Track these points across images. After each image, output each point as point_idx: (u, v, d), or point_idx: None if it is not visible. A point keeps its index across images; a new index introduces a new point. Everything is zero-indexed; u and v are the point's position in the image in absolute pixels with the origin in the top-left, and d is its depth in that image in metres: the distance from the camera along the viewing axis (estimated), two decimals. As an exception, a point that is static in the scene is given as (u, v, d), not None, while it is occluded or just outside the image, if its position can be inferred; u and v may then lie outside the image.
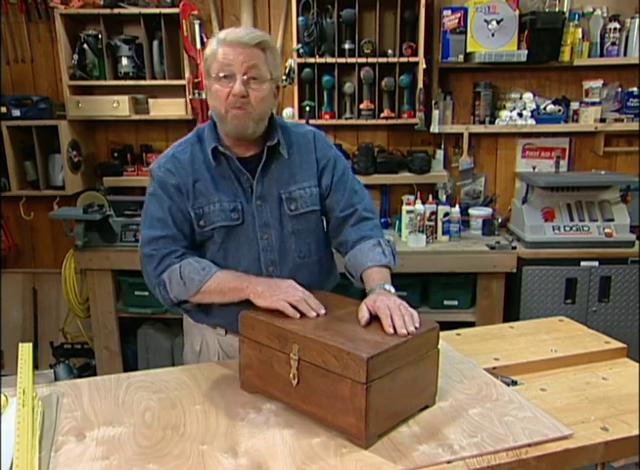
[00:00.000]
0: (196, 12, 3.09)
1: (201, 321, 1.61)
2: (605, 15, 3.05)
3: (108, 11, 3.00)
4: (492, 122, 3.16)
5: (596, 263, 2.86)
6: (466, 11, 2.99)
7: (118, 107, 3.10)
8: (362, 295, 1.40)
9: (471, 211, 3.25)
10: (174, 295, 1.46)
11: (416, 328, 1.22)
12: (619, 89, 3.17)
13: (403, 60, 3.00)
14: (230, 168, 1.49)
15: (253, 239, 1.51)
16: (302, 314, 1.28)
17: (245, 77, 1.38)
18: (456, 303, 3.01)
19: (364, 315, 1.26)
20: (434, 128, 3.13)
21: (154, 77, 3.12)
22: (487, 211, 3.24)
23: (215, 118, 1.48)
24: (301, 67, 3.01)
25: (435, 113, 3.11)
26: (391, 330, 1.20)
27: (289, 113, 3.11)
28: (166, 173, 1.48)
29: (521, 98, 3.13)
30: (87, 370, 3.21)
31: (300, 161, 1.54)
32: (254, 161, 1.49)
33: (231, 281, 1.42)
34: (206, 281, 1.41)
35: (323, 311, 1.29)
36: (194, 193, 1.47)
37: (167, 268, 1.45)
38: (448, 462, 1.09)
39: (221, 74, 1.39)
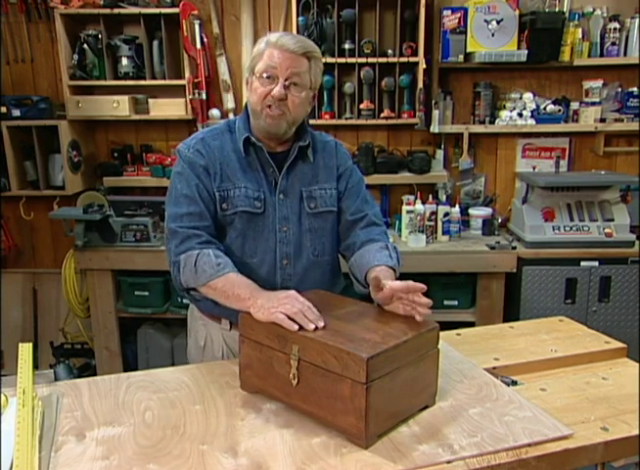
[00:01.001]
0: (196, 12, 3.09)
1: (208, 311, 1.62)
2: (605, 15, 3.05)
3: (108, 11, 3.00)
4: (492, 122, 3.16)
5: (596, 263, 2.86)
6: (466, 11, 2.99)
7: (118, 107, 3.10)
8: (362, 296, 1.40)
9: (471, 211, 3.25)
10: (184, 279, 1.46)
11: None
12: (619, 89, 3.18)
13: (403, 60, 3.00)
14: (258, 160, 1.54)
15: (272, 230, 1.54)
16: (301, 327, 1.23)
17: (286, 82, 1.43)
18: (456, 303, 3.01)
19: (389, 284, 1.32)
20: (434, 128, 3.13)
21: (154, 77, 3.12)
22: (487, 211, 3.24)
23: (250, 112, 1.53)
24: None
25: (435, 113, 3.11)
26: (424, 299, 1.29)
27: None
28: (195, 154, 1.51)
29: (521, 98, 3.13)
30: (87, 370, 3.20)
31: (324, 164, 1.61)
32: (281, 157, 1.55)
33: (237, 287, 1.39)
34: (216, 278, 1.41)
35: (322, 324, 1.23)
36: (221, 176, 1.51)
37: (187, 251, 1.45)
38: (448, 462, 1.09)
39: (265, 75, 1.44)
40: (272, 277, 1.55)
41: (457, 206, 3.13)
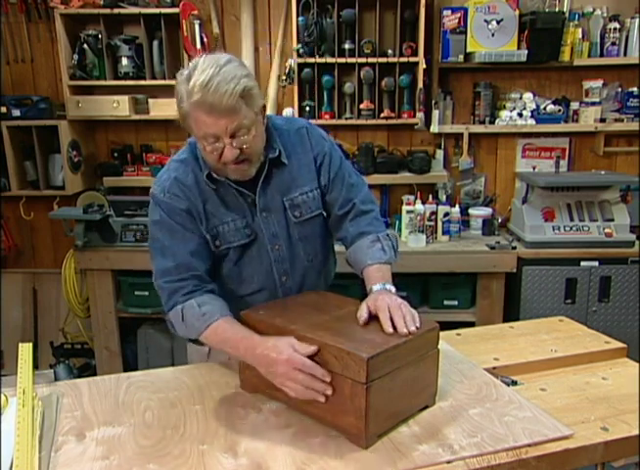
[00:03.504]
0: (196, 12, 3.09)
1: None
2: (605, 15, 3.05)
3: (108, 11, 3.00)
4: (492, 122, 3.16)
5: (596, 263, 2.86)
6: (466, 11, 2.99)
7: (118, 107, 3.10)
8: (362, 295, 1.40)
9: (471, 211, 3.25)
10: (182, 334, 1.41)
11: (417, 328, 1.21)
12: (619, 89, 3.17)
13: (403, 60, 3.00)
14: (231, 187, 1.44)
15: (265, 252, 1.50)
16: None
17: (233, 140, 1.30)
18: (456, 303, 3.01)
19: (363, 315, 1.25)
20: (434, 128, 3.13)
21: (154, 77, 3.12)
22: (487, 211, 3.24)
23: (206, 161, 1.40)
24: (301, 67, 3.01)
25: (435, 113, 3.12)
26: (391, 330, 1.19)
27: (289, 113, 3.11)
28: (174, 198, 1.41)
29: (521, 98, 3.13)
30: (87, 370, 3.21)
31: (299, 163, 1.51)
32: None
33: (225, 342, 1.32)
34: (204, 330, 1.33)
35: (329, 392, 1.15)
36: (205, 215, 1.43)
37: (174, 307, 1.38)
38: (448, 462, 1.09)
39: (206, 140, 1.30)
40: (273, 295, 1.53)
41: (457, 206, 3.13)
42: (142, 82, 3.12)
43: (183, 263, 1.39)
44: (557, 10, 3.02)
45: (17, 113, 3.09)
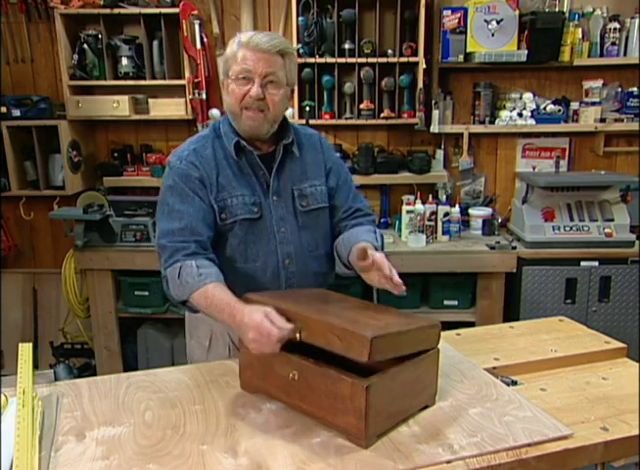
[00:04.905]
0: (196, 12, 3.09)
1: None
2: (605, 15, 3.05)
3: (108, 11, 3.00)
4: (492, 122, 3.16)
5: (596, 263, 2.86)
6: (466, 11, 2.99)
7: (118, 107, 3.10)
8: (362, 295, 1.40)
9: (471, 211, 3.25)
10: (174, 293, 1.45)
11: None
12: (619, 89, 3.17)
13: (403, 60, 3.00)
14: (248, 164, 1.54)
15: (271, 232, 1.56)
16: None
17: (263, 81, 1.43)
18: (456, 303, 3.01)
19: (372, 253, 1.36)
20: (434, 128, 3.13)
21: (154, 77, 3.12)
22: (487, 211, 3.24)
23: (230, 116, 1.53)
24: (301, 67, 3.00)
25: (435, 113, 3.11)
26: (388, 272, 1.33)
27: (289, 113, 3.10)
28: (189, 166, 1.49)
29: (521, 98, 3.13)
30: (87, 370, 3.20)
31: (310, 159, 1.62)
32: (269, 158, 1.55)
33: (213, 306, 1.35)
34: (196, 289, 1.38)
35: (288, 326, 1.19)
36: (217, 186, 1.50)
37: (173, 264, 1.43)
38: (448, 462, 1.09)
39: (240, 76, 1.44)
40: (276, 278, 1.56)
41: (457, 206, 3.13)
42: (142, 82, 3.11)
43: (189, 227, 1.45)
44: (557, 10, 3.02)
45: (17, 113, 3.09)
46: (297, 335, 1.20)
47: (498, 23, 2.97)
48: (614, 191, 3.00)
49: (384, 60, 3.00)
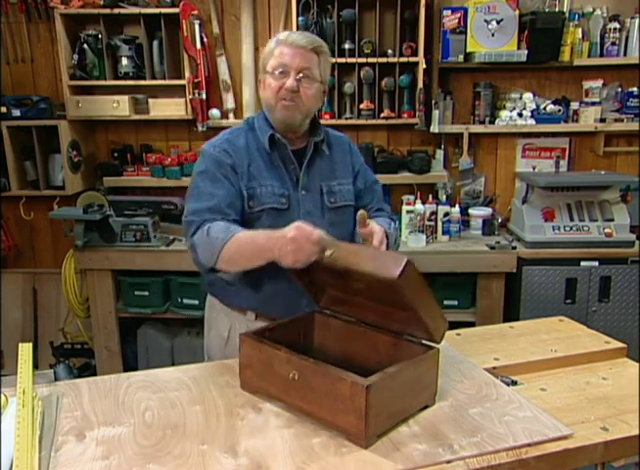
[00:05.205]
0: (196, 12, 3.09)
1: (234, 304, 1.65)
2: (605, 15, 3.06)
3: (108, 11, 3.00)
4: (492, 122, 3.16)
5: (596, 263, 2.86)
6: (466, 11, 2.99)
7: (118, 107, 3.10)
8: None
9: (471, 211, 3.25)
10: (203, 257, 1.48)
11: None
12: (619, 89, 3.18)
13: (403, 60, 3.00)
14: (280, 157, 1.60)
15: None
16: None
17: (298, 76, 1.51)
18: (456, 303, 3.01)
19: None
20: (434, 128, 3.13)
21: (154, 77, 3.12)
22: (487, 211, 3.24)
23: (266, 109, 1.61)
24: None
25: (435, 113, 3.11)
26: (376, 244, 1.40)
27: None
28: (222, 153, 1.56)
29: (521, 98, 3.13)
30: (87, 370, 3.20)
31: (339, 159, 1.69)
32: (300, 153, 1.62)
33: (248, 242, 1.42)
34: (228, 240, 1.42)
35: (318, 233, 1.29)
36: (248, 175, 1.56)
37: (200, 229, 1.48)
38: (448, 462, 1.09)
39: (277, 71, 1.52)
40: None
41: (457, 206, 3.13)
42: (142, 82, 3.11)
43: (217, 207, 1.50)
44: (557, 10, 3.02)
45: (17, 113, 3.09)
46: (329, 252, 1.24)
47: (498, 23, 2.98)
48: (614, 191, 3.00)
49: (384, 60, 3.00)
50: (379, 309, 1.34)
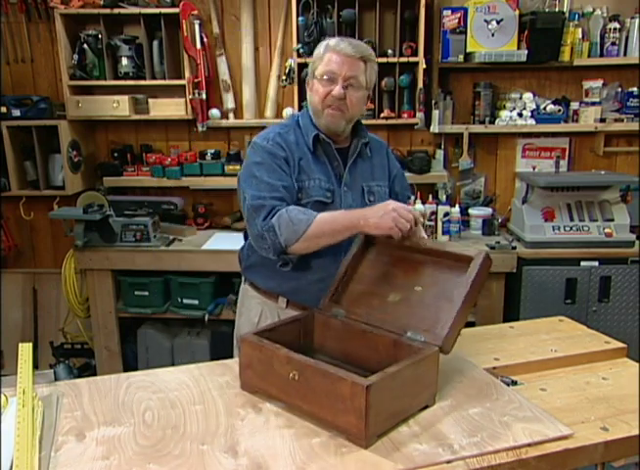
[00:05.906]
0: (196, 12, 3.09)
1: (268, 289, 1.72)
2: (605, 15, 3.05)
3: (108, 11, 3.00)
4: (492, 122, 3.16)
5: (596, 263, 2.86)
6: (466, 11, 2.99)
7: (118, 107, 3.10)
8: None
9: (471, 211, 3.25)
10: (284, 238, 1.52)
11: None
12: (619, 89, 3.17)
13: (403, 60, 3.00)
14: (325, 154, 1.67)
15: None
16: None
17: (345, 83, 1.58)
18: (456, 303, 3.00)
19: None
20: (434, 128, 3.13)
21: (154, 77, 3.12)
22: (487, 211, 3.24)
23: (311, 112, 1.68)
24: (301, 67, 3.01)
25: (435, 113, 3.11)
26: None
27: (289, 112, 3.11)
28: (275, 146, 1.62)
29: (521, 98, 3.13)
30: (87, 370, 3.20)
31: (378, 162, 1.78)
32: (344, 151, 1.70)
33: (338, 216, 1.52)
34: (313, 219, 1.49)
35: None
36: (298, 168, 1.63)
37: (276, 214, 1.54)
38: (448, 462, 1.09)
39: (325, 77, 1.59)
40: (338, 261, 1.60)
41: (457, 206, 3.12)
42: (142, 82, 3.11)
43: (277, 193, 1.57)
44: (557, 10, 3.02)
45: (17, 113, 3.09)
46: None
47: (498, 23, 2.97)
48: (614, 191, 3.00)
49: (384, 60, 3.00)
50: (399, 310, 1.41)
